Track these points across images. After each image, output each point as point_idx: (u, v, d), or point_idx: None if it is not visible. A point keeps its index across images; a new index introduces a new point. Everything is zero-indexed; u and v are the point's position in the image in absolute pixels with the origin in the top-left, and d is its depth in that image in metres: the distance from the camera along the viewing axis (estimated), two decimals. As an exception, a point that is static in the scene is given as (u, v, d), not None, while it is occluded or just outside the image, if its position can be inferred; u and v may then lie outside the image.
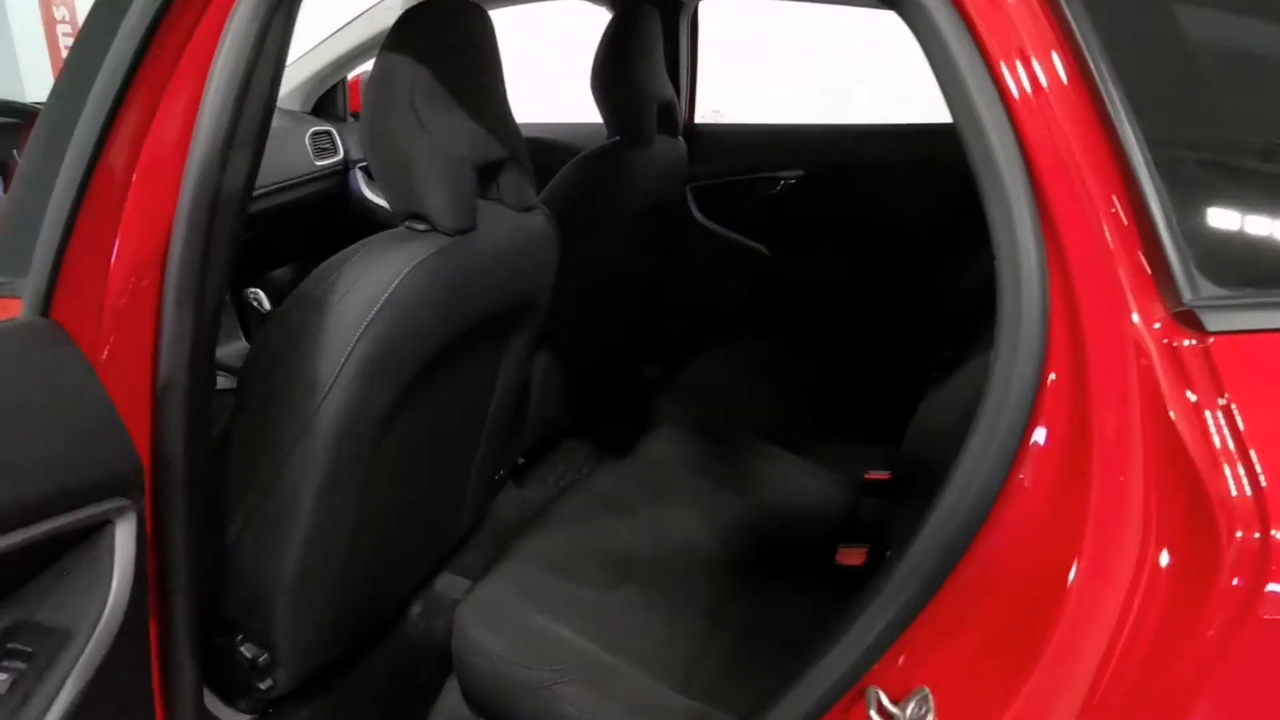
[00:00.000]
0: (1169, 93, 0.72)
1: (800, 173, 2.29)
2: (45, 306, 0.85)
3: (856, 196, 2.28)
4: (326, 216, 2.29)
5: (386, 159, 1.10)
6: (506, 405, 1.49)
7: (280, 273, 2.44)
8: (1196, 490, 0.59)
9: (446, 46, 1.10)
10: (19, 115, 1.82)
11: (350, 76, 2.37)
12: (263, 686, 1.19)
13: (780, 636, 1.23)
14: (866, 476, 1.62)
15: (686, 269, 2.39)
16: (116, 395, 0.82)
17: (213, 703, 1.24)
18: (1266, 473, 0.58)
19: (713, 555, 1.40)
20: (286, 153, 2.11)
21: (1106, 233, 0.67)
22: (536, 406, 1.77)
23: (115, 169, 0.87)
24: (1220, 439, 0.59)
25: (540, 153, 1.48)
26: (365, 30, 2.20)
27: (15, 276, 0.85)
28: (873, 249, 2.28)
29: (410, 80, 1.06)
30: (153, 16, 0.84)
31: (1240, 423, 0.59)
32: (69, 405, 0.80)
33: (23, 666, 0.77)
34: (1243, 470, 0.58)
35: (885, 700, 0.73)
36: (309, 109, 2.36)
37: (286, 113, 2.27)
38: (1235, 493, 0.58)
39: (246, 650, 1.17)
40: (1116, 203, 0.67)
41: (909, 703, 0.72)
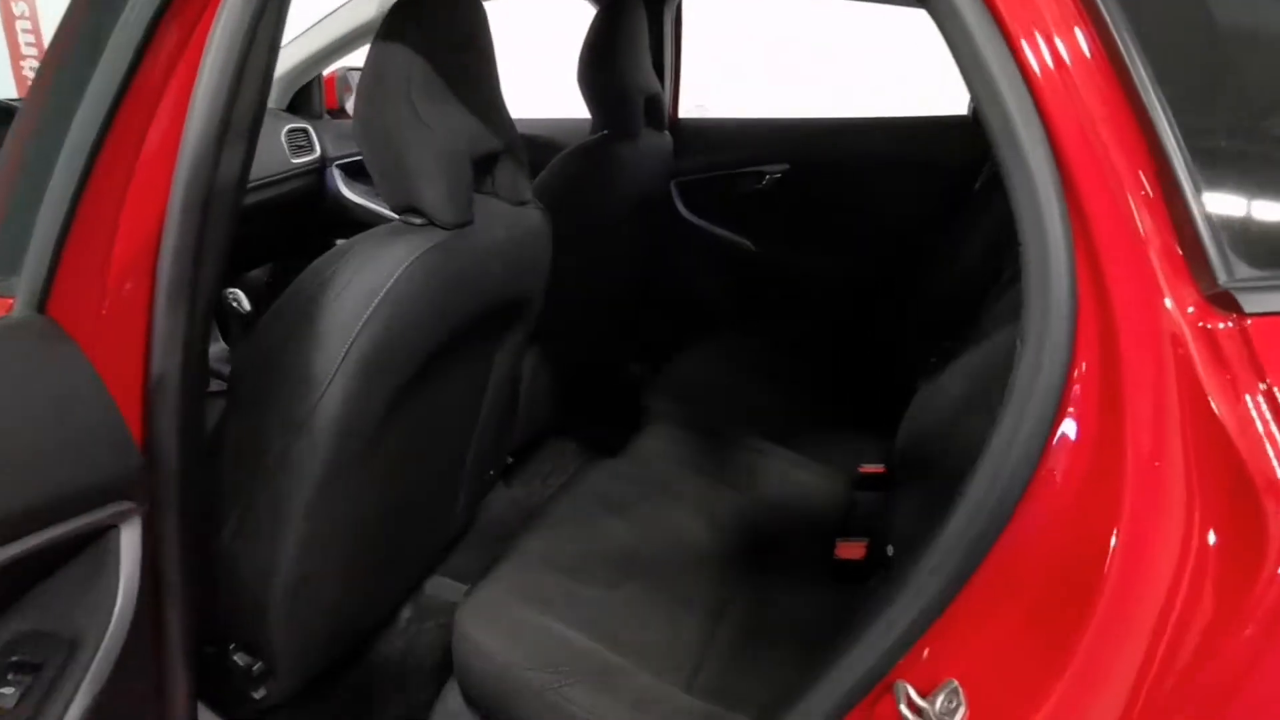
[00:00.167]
0: (1197, 67, 0.70)
1: (785, 167, 2.29)
2: (41, 304, 0.82)
3: (842, 190, 2.28)
4: (304, 215, 2.24)
5: (382, 152, 1.07)
6: (499, 402, 1.46)
7: (257, 273, 2.39)
8: (1240, 476, 0.58)
9: (442, 36, 1.07)
10: None
11: (325, 73, 2.33)
12: (256, 696, 1.16)
13: (783, 632, 1.22)
14: (860, 470, 1.62)
15: (672, 264, 2.37)
16: (112, 394, 0.79)
17: (204, 714, 1.21)
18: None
19: (712, 552, 1.39)
20: (262, 150, 2.04)
21: (1136, 213, 0.65)
22: (524, 404, 1.75)
23: (115, 165, 0.84)
24: (1263, 423, 0.58)
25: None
26: (340, 26, 2.15)
27: (7, 274, 0.82)
28: (859, 242, 2.27)
29: (406, 72, 1.03)
30: (153, 13, 0.81)
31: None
32: (70, 404, 0.77)
33: (30, 679, 0.73)
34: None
35: (914, 694, 0.72)
36: (284, 106, 2.31)
37: (262, 109, 2.22)
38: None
39: (239, 659, 1.14)
40: (1145, 182, 0.65)
41: (938, 696, 0.71)
